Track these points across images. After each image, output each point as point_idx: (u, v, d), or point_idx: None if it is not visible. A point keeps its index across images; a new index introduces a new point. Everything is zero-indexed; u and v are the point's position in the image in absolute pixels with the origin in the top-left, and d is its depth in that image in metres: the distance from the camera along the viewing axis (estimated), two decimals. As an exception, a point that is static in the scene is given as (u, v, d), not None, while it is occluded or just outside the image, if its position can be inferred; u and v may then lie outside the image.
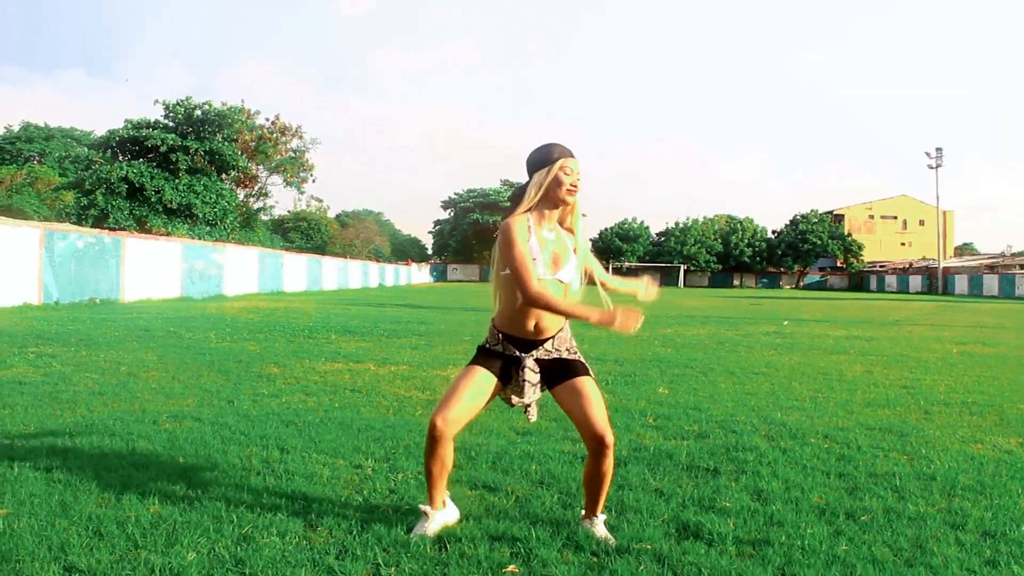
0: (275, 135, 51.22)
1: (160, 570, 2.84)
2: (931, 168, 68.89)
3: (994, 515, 3.79)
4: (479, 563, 3.01)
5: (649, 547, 3.23)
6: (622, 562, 3.05)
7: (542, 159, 3.35)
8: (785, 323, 19.43)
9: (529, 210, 3.36)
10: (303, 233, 67.90)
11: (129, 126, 44.52)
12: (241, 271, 27.55)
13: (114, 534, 3.16)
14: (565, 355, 3.40)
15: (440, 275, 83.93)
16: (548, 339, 3.36)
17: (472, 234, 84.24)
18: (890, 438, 5.53)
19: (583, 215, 3.48)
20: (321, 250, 55.91)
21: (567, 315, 3.29)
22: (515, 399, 3.37)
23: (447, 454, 3.30)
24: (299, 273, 34.71)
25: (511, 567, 2.99)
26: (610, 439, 3.24)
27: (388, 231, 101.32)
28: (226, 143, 45.14)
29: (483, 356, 3.40)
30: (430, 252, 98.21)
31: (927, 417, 6.43)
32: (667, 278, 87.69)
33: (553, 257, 3.32)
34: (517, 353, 3.35)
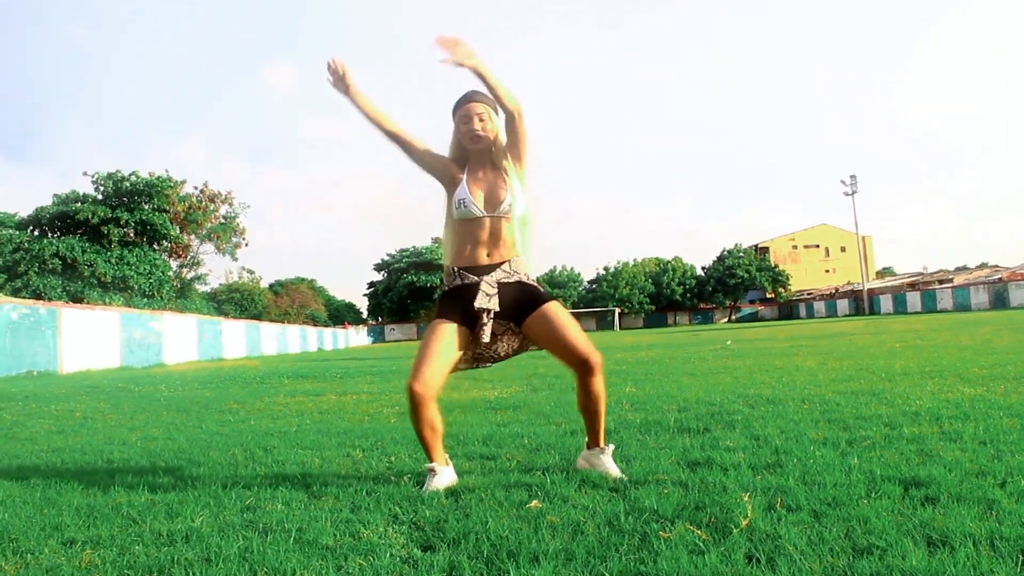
0: (204, 203, 50.38)
1: (168, 534, 2.69)
2: (847, 195, 71.33)
3: (984, 431, 3.88)
4: (500, 503, 2.94)
5: (667, 477, 3.20)
6: (645, 489, 3.01)
7: (453, 114, 3.49)
8: (729, 342, 19.73)
9: (457, 159, 3.45)
10: (237, 304, 66.61)
11: (57, 201, 43.36)
12: (180, 339, 26.81)
13: (109, 516, 2.98)
14: (525, 280, 3.37)
15: (378, 336, 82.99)
16: (504, 263, 3.35)
17: (407, 294, 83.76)
18: (865, 396, 5.63)
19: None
20: (257, 319, 54.90)
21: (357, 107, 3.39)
22: (476, 306, 3.28)
23: (433, 416, 3.25)
24: (238, 339, 33.95)
25: (534, 502, 2.92)
26: (596, 358, 3.22)
27: (323, 297, 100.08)
28: (156, 213, 44.25)
29: (443, 307, 3.35)
30: (365, 315, 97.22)
31: (892, 383, 6.57)
32: (603, 322, 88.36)
33: (488, 196, 3.35)
34: (474, 278, 3.32)
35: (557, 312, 3.29)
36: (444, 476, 3.29)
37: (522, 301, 3.33)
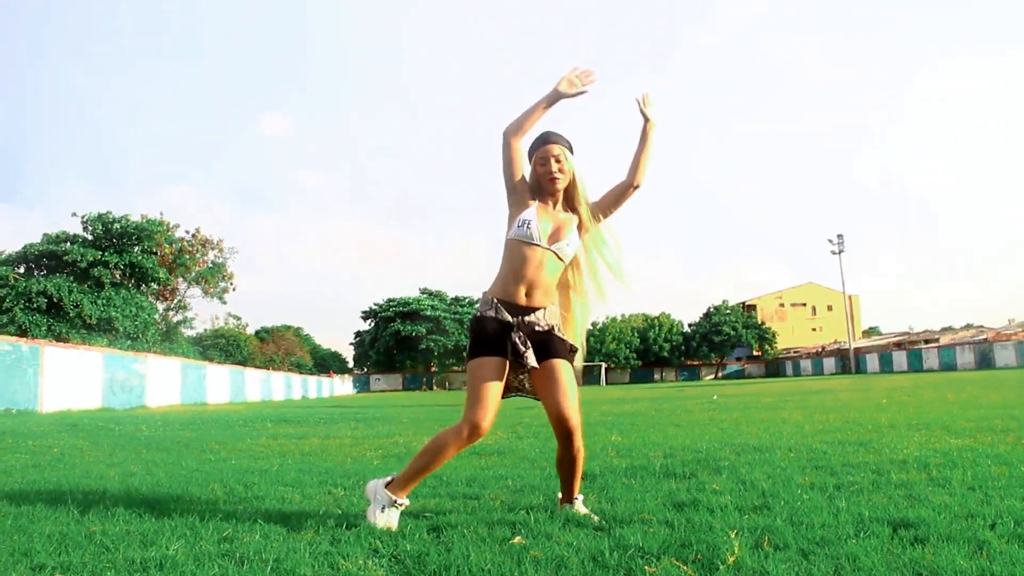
0: (195, 247, 50.24)
1: (142, 562, 2.62)
2: (834, 254, 71.82)
3: (973, 477, 3.86)
4: (483, 539, 2.88)
5: (652, 517, 3.16)
6: (630, 528, 2.96)
7: (529, 155, 3.50)
8: (715, 397, 19.68)
9: (534, 195, 3.47)
10: (222, 350, 66.11)
11: (47, 240, 43.21)
12: (164, 382, 26.47)
13: (82, 544, 2.90)
14: (553, 331, 3.37)
15: (363, 386, 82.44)
16: (539, 310, 3.34)
17: (394, 344, 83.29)
18: (852, 446, 5.60)
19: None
20: (243, 365, 54.47)
21: (534, 110, 3.40)
22: (529, 365, 3.28)
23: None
24: (222, 384, 33.56)
25: (517, 538, 2.87)
26: (574, 422, 3.23)
27: (308, 345, 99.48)
28: (145, 255, 44.16)
29: (483, 340, 3.31)
30: (351, 365, 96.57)
31: (879, 435, 6.54)
32: (589, 377, 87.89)
33: (553, 231, 3.37)
34: (508, 318, 3.30)
35: (563, 373, 3.30)
36: (396, 514, 3.25)
37: (541, 346, 3.33)
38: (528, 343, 3.29)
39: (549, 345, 3.35)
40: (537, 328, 3.32)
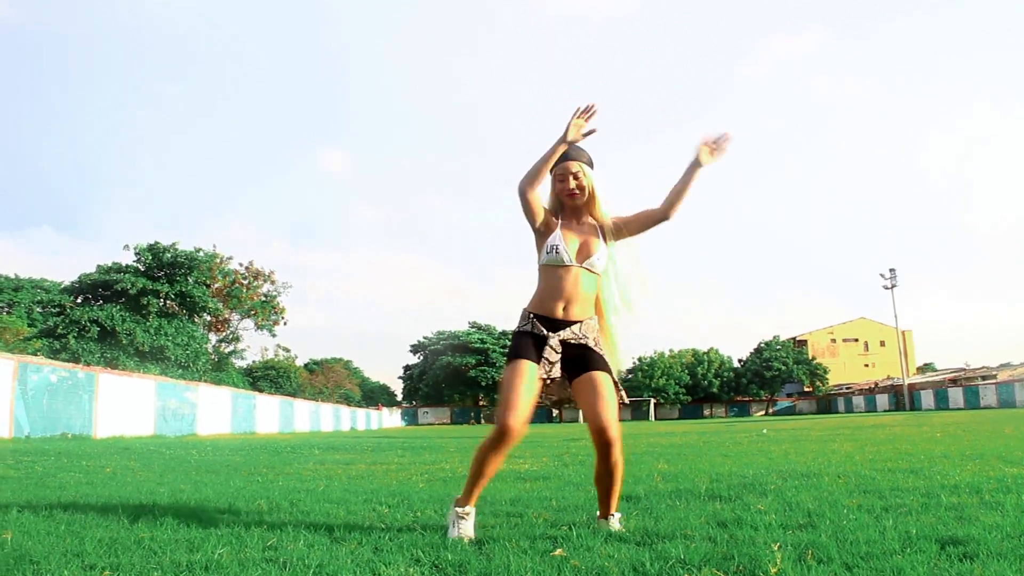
0: (248, 279, 51.16)
1: (188, 564, 2.67)
2: (886, 288, 70.55)
3: (1029, 501, 3.75)
4: (525, 551, 2.89)
5: (695, 533, 3.13)
6: (672, 543, 2.94)
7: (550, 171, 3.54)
8: (765, 431, 19.36)
9: (556, 212, 3.54)
10: (272, 381, 66.92)
11: (100, 270, 44.40)
12: (214, 410, 26.95)
13: (131, 547, 2.98)
14: (592, 345, 3.41)
15: (411, 419, 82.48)
16: (576, 323, 3.37)
17: (443, 377, 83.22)
18: (902, 473, 5.48)
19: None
20: (292, 396, 55.08)
21: (546, 161, 3.40)
22: (540, 373, 3.34)
23: (503, 457, 3.32)
24: (272, 415, 34.02)
25: (558, 550, 2.87)
26: (613, 433, 3.25)
27: (357, 377, 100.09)
28: (197, 286, 45.05)
29: (519, 347, 3.39)
30: (399, 398, 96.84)
31: (931, 463, 6.39)
32: (637, 412, 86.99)
33: (581, 247, 3.43)
34: (544, 332, 3.36)
35: (603, 384, 3.34)
36: (472, 521, 3.31)
37: (580, 360, 3.39)
38: (558, 354, 3.33)
39: (588, 358, 3.39)
40: (573, 341, 3.36)
